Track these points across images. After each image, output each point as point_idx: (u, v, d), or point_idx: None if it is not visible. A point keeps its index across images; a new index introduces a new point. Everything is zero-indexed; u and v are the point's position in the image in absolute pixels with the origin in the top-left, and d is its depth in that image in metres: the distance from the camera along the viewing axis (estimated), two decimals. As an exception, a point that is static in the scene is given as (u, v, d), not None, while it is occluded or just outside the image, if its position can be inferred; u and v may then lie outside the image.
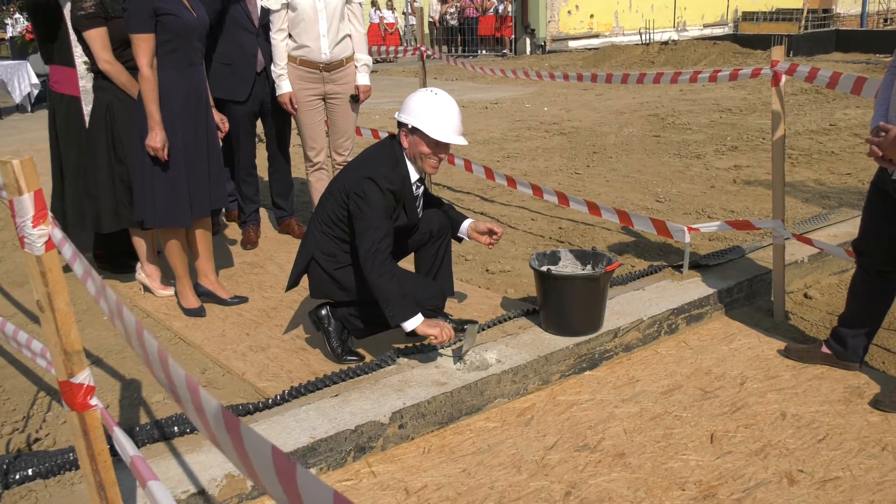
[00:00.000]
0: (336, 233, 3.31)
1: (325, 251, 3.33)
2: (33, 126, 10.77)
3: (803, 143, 7.79)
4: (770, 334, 3.79)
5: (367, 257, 3.10)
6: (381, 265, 3.10)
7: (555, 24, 19.58)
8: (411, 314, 3.10)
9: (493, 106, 11.34)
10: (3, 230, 5.69)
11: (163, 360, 1.43)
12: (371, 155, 3.35)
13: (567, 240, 5.00)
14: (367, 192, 3.14)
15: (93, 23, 3.80)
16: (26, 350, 2.73)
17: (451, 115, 3.24)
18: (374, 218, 3.14)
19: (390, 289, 3.08)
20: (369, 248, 3.10)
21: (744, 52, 16.53)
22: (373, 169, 3.22)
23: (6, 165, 1.79)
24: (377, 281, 3.08)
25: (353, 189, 3.19)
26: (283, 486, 1.04)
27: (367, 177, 3.18)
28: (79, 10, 3.80)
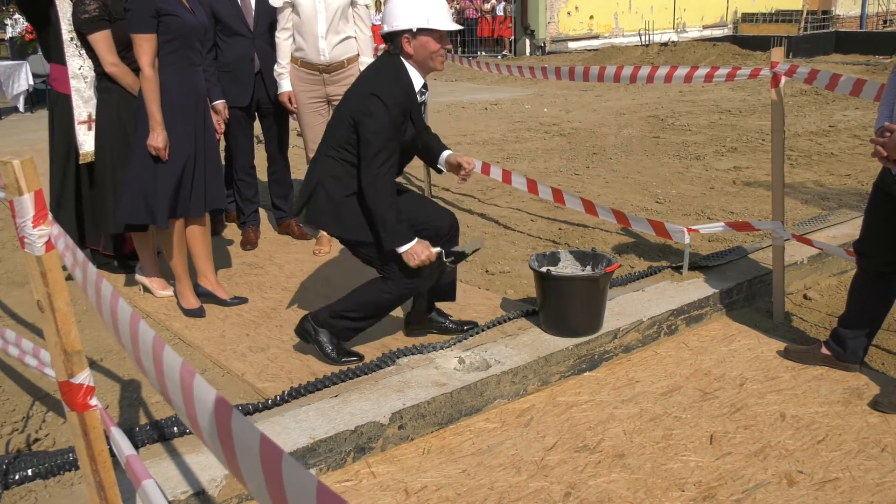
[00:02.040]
0: (346, 156, 3.24)
1: (334, 175, 3.26)
2: (33, 126, 10.77)
3: (803, 144, 7.79)
4: (770, 335, 3.80)
5: (371, 182, 3.12)
6: (384, 190, 3.12)
7: (554, 25, 19.59)
8: (407, 240, 3.15)
9: (492, 107, 11.35)
10: (3, 230, 5.69)
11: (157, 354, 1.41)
12: (372, 73, 3.27)
13: (567, 241, 5.00)
14: (372, 111, 3.10)
15: (97, 26, 3.81)
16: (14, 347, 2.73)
17: (442, 3, 3.25)
18: (380, 139, 3.11)
19: (390, 215, 3.12)
20: (375, 173, 3.11)
21: (743, 54, 16.53)
22: (376, 85, 3.16)
23: (7, 166, 1.79)
24: (378, 206, 3.12)
25: (359, 108, 3.14)
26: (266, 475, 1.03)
27: (372, 93, 3.12)
28: (82, 13, 3.80)
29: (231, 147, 5.06)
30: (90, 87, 4.17)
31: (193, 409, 1.25)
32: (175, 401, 1.33)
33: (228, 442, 1.14)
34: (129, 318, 1.50)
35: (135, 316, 1.50)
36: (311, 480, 0.95)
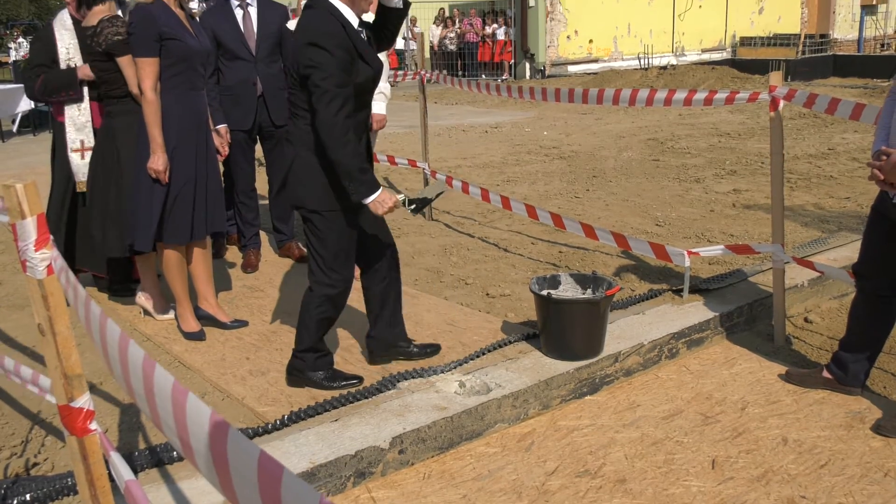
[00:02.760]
0: (311, 120, 3.09)
1: (306, 142, 3.13)
2: (35, 149, 10.81)
3: (802, 167, 7.82)
4: (771, 359, 3.79)
5: (329, 130, 2.95)
6: (345, 137, 2.96)
7: (554, 48, 19.72)
8: (373, 190, 3.03)
9: (493, 130, 11.40)
10: (4, 253, 5.70)
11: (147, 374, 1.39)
12: (304, 24, 3.07)
13: (567, 264, 5.00)
14: (314, 59, 2.94)
15: (129, 48, 3.82)
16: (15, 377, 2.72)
17: None
18: (330, 83, 2.94)
19: (352, 163, 2.98)
20: (332, 121, 2.94)
21: (742, 77, 16.64)
22: (311, 33, 2.98)
23: (9, 189, 1.80)
24: (340, 154, 2.97)
25: (302, 63, 2.98)
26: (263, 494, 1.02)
27: (309, 43, 2.96)
28: (115, 34, 3.80)
29: (232, 170, 5.08)
30: (84, 113, 4.20)
31: (186, 430, 1.23)
32: (166, 422, 1.31)
33: (223, 462, 1.12)
34: (118, 338, 1.49)
35: (124, 336, 1.49)
36: (314, 496, 0.94)
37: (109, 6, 3.98)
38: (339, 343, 3.85)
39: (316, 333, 3.33)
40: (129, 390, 1.47)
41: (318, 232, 3.20)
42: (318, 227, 3.19)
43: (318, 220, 3.18)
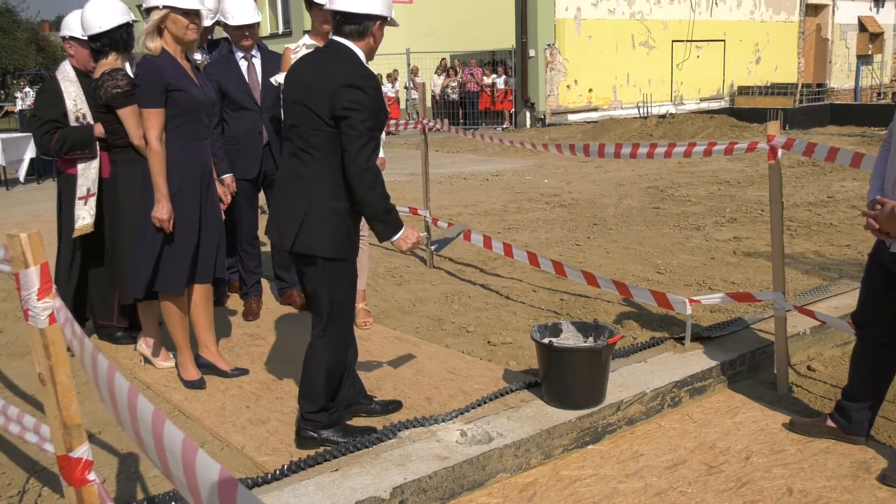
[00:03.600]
0: (326, 162, 3.05)
1: (325, 189, 3.07)
2: (39, 197, 10.88)
3: (802, 214, 7.85)
4: (774, 407, 3.76)
5: (361, 174, 2.97)
6: (377, 180, 3.02)
7: (554, 98, 19.95)
8: (399, 228, 3.10)
9: (493, 178, 11.48)
10: (5, 301, 5.70)
11: (157, 427, 1.40)
12: (333, 65, 3.04)
13: (568, 311, 5.00)
14: (356, 101, 2.94)
15: (129, 99, 3.89)
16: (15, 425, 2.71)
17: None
18: (367, 128, 2.97)
19: (382, 205, 3.04)
20: (366, 165, 2.97)
21: (740, 126, 16.79)
22: (348, 75, 2.98)
23: (14, 239, 1.82)
24: (371, 196, 3.01)
25: (339, 105, 2.95)
26: None
27: (348, 84, 2.96)
28: (114, 87, 3.90)
29: (236, 218, 5.11)
30: (91, 165, 4.25)
31: (196, 484, 1.24)
32: (176, 476, 1.32)
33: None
34: (126, 392, 1.50)
35: (132, 390, 1.50)
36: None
37: (115, 59, 4.05)
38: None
39: (327, 389, 3.24)
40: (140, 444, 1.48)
41: (333, 279, 3.13)
42: (332, 275, 3.13)
43: (332, 268, 3.12)
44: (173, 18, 3.70)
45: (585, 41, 20.22)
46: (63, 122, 4.28)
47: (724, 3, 22.84)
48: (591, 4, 20.17)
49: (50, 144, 4.24)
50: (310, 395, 3.23)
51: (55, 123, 4.27)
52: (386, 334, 4.66)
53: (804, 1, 24.91)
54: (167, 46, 3.74)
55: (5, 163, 11.94)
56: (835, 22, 26.01)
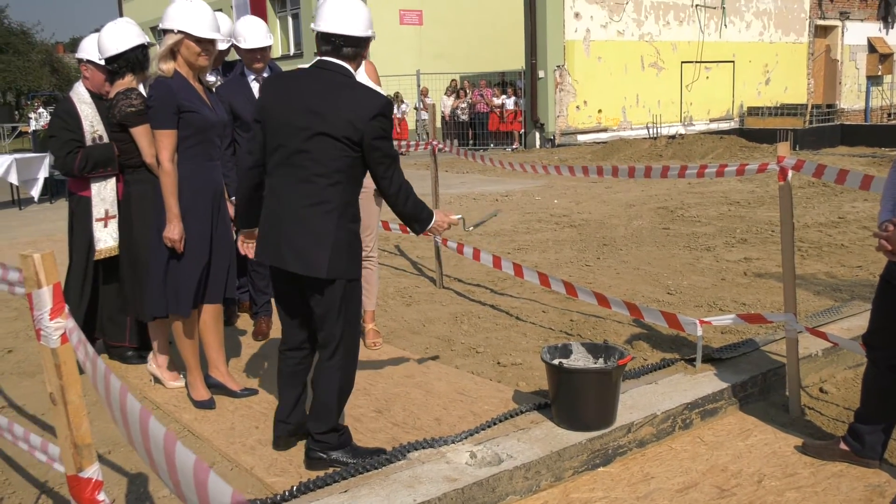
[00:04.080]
0: (352, 187, 3.15)
1: (347, 215, 3.13)
2: (52, 217, 10.97)
3: (812, 235, 7.83)
4: (786, 430, 3.73)
5: (399, 190, 3.17)
6: (409, 193, 3.21)
7: (563, 118, 20.00)
8: (432, 217, 3.31)
9: (503, 198, 11.49)
10: (17, 320, 5.73)
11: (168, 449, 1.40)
12: (346, 90, 3.08)
13: (578, 332, 4.99)
14: (386, 130, 3.08)
15: (142, 119, 3.92)
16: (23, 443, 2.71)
17: None
18: (395, 152, 3.16)
19: (419, 210, 3.25)
20: (401, 181, 3.17)
21: (750, 146, 16.79)
22: (377, 105, 3.05)
23: (27, 259, 1.83)
24: (409, 209, 3.23)
25: (370, 133, 3.02)
26: None
27: (380, 114, 3.03)
28: (128, 106, 3.94)
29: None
30: (110, 186, 4.29)
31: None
32: (188, 497, 1.32)
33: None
34: (138, 413, 1.50)
35: (144, 411, 1.51)
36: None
37: (130, 80, 4.09)
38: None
39: (338, 409, 3.25)
40: (152, 465, 1.48)
41: (350, 300, 3.18)
42: (351, 296, 3.18)
43: (352, 289, 3.19)
44: (187, 44, 3.74)
45: (595, 62, 20.30)
46: (82, 143, 4.33)
47: (732, 25, 22.91)
48: (601, 26, 20.26)
49: (73, 164, 4.27)
50: (321, 415, 3.23)
51: (76, 143, 4.31)
52: (395, 355, 4.66)
53: (813, 22, 24.96)
54: (180, 69, 3.78)
55: (19, 182, 12.05)
56: (844, 43, 26.04)
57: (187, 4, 3.75)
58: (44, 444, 2.57)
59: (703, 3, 22.08)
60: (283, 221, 3.12)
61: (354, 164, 3.08)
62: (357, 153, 3.06)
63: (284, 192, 3.12)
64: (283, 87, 3.19)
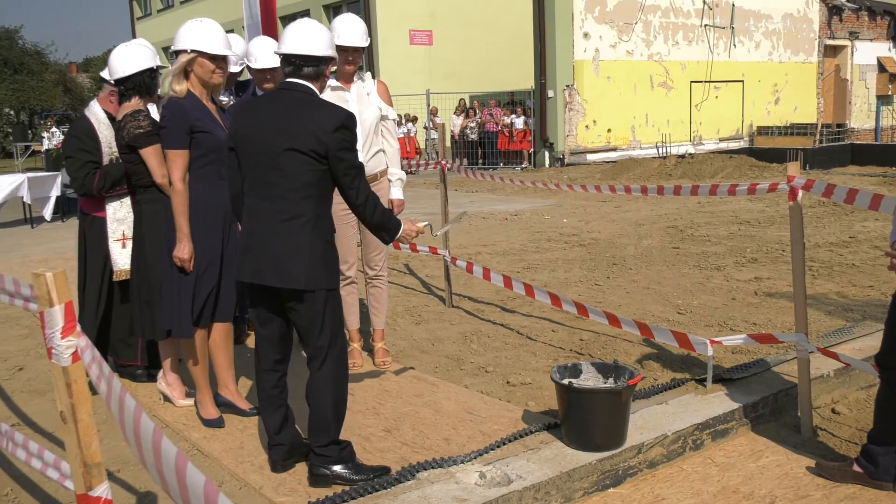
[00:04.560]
0: (323, 200, 3.24)
1: (319, 227, 3.21)
2: (64, 235, 11.03)
3: (823, 255, 7.79)
4: (798, 451, 3.70)
5: (365, 203, 3.25)
6: (376, 202, 3.30)
7: (573, 138, 20.04)
8: (399, 226, 3.43)
9: (512, 217, 11.50)
10: (28, 338, 5.75)
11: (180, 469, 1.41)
12: (311, 107, 3.20)
13: (588, 352, 4.97)
14: (350, 141, 3.17)
15: (150, 140, 3.95)
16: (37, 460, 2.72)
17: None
18: (359, 163, 3.24)
19: (385, 219, 3.36)
20: (367, 191, 3.25)
21: (759, 166, 16.77)
22: (340, 117, 3.15)
23: (40, 278, 1.84)
24: (377, 218, 3.32)
25: (334, 146, 3.11)
26: None
27: (340, 127, 3.12)
28: (136, 128, 3.96)
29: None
30: (123, 206, 4.32)
31: None
32: None
33: None
34: (151, 433, 1.51)
35: (157, 431, 1.51)
36: None
37: (137, 102, 4.11)
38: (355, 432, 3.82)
39: (336, 420, 3.27)
40: (164, 484, 1.49)
41: (333, 309, 3.26)
42: (332, 305, 3.26)
43: (332, 298, 3.26)
44: (200, 62, 3.78)
45: (604, 82, 20.36)
46: (100, 164, 4.37)
47: (742, 45, 22.96)
48: (610, 46, 20.34)
49: (92, 185, 4.32)
50: (319, 428, 3.26)
51: (94, 165, 4.36)
52: (404, 374, 4.65)
53: (823, 42, 24.99)
54: (193, 88, 3.81)
55: (31, 201, 12.15)
56: (854, 62, 26.04)
57: (198, 24, 3.81)
58: (56, 461, 2.57)
59: (712, 23, 22.15)
60: (258, 238, 3.23)
61: (323, 176, 3.19)
62: (324, 166, 3.17)
63: (259, 210, 3.24)
64: (251, 111, 3.36)
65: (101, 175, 4.31)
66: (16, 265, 8.83)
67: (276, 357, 3.39)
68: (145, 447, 1.55)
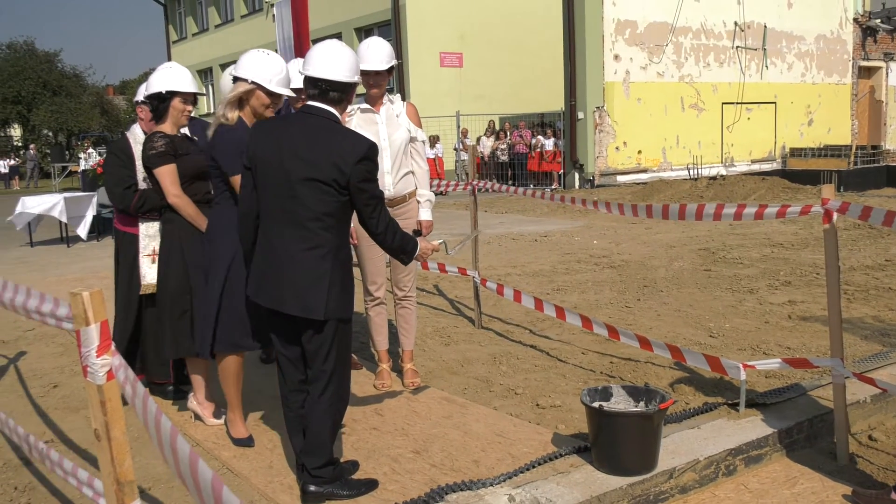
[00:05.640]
0: (343, 229, 3.28)
1: (338, 256, 3.24)
2: (99, 254, 11.20)
3: (859, 278, 7.67)
4: (835, 478, 3.63)
5: (385, 232, 3.30)
6: (396, 229, 3.35)
7: (603, 159, 20.00)
8: (416, 247, 3.47)
9: (542, 238, 11.48)
10: (63, 356, 5.83)
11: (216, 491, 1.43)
12: (335, 136, 3.19)
13: (618, 374, 4.93)
14: (372, 173, 3.20)
15: (163, 160, 4.04)
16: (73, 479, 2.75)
17: None
18: (379, 192, 3.28)
19: (404, 243, 3.40)
20: (388, 219, 3.30)
21: (793, 188, 16.58)
22: (364, 149, 3.15)
23: (76, 297, 1.87)
24: (396, 243, 3.37)
25: (356, 176, 3.12)
26: None
27: (363, 159, 3.13)
28: (150, 149, 4.07)
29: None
30: (154, 223, 4.39)
31: None
32: None
33: None
34: (188, 455, 1.52)
35: (193, 454, 1.53)
36: None
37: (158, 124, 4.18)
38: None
39: (332, 441, 3.34)
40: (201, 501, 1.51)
41: (343, 338, 3.30)
42: (344, 334, 3.31)
43: (346, 328, 3.31)
44: (258, 95, 3.84)
45: (634, 104, 20.32)
46: (135, 180, 4.47)
47: (774, 66, 22.81)
48: (640, 68, 20.32)
49: (131, 201, 4.44)
50: (316, 450, 3.29)
51: (131, 179, 4.48)
52: (433, 395, 4.64)
53: (857, 63, 24.76)
54: (244, 116, 3.86)
55: (67, 220, 12.37)
56: (889, 84, 25.75)
57: (264, 57, 3.84)
58: (90, 479, 2.60)
59: (743, 45, 22.05)
60: (276, 264, 3.24)
61: (343, 206, 3.22)
62: (345, 196, 3.19)
63: (278, 236, 3.24)
64: (270, 134, 3.32)
65: (140, 196, 4.42)
66: (52, 283, 8.98)
67: (301, 377, 3.40)
68: (183, 469, 1.57)
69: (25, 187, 33.28)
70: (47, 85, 39.80)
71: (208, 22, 34.13)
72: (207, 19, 34.17)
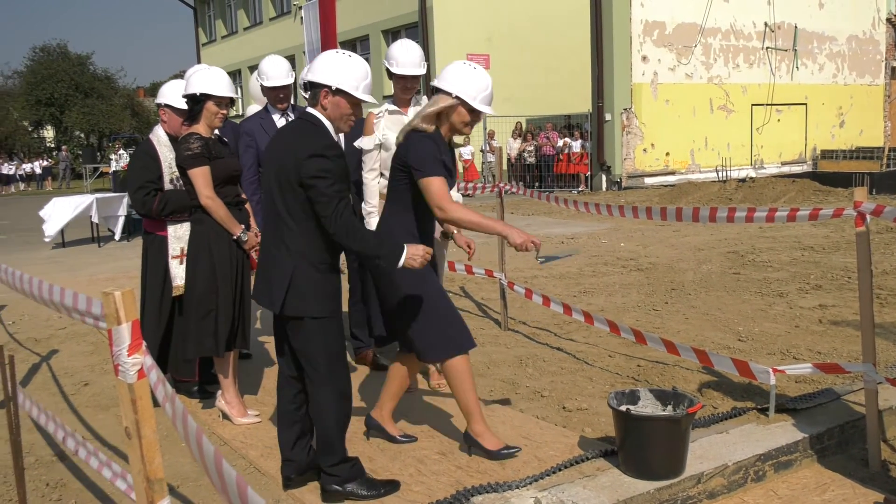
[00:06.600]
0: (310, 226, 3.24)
1: (304, 254, 3.25)
2: (129, 254, 11.35)
3: (891, 282, 7.55)
4: (866, 485, 3.58)
5: (342, 233, 3.14)
6: (356, 231, 3.16)
7: (630, 161, 19.89)
8: (401, 251, 3.21)
9: (569, 241, 11.44)
10: (93, 354, 5.91)
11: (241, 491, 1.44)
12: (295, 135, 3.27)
13: (646, 378, 4.89)
14: (325, 170, 3.13)
15: (198, 161, 4.09)
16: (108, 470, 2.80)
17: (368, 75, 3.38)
18: (335, 190, 3.15)
19: (372, 244, 3.21)
20: (343, 221, 3.14)
21: (823, 190, 16.36)
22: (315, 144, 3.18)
23: (108, 297, 1.90)
24: (359, 246, 3.19)
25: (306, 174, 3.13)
26: None
27: (316, 154, 3.14)
28: (186, 150, 4.11)
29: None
30: (184, 225, 4.43)
31: None
32: None
33: None
34: (213, 455, 1.54)
35: (218, 454, 1.54)
36: None
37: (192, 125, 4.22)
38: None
39: (341, 439, 3.36)
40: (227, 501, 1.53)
41: (324, 336, 3.29)
42: (324, 331, 3.29)
43: (323, 325, 3.28)
44: (460, 112, 3.62)
45: (662, 105, 20.19)
46: (159, 184, 4.49)
47: (805, 67, 22.56)
48: (669, 69, 20.19)
49: (152, 205, 4.45)
50: (324, 448, 3.33)
51: (153, 185, 4.48)
52: (460, 397, 4.63)
53: (889, 64, 24.40)
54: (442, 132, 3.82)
55: (99, 220, 12.55)
56: (923, 85, 25.36)
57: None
58: (123, 472, 2.64)
59: (773, 46, 21.83)
60: (263, 262, 3.38)
61: (308, 205, 3.21)
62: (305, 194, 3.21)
63: (265, 233, 3.40)
64: (274, 138, 3.45)
65: (161, 198, 4.43)
66: (84, 283, 9.11)
67: (291, 373, 3.46)
68: (210, 468, 1.59)
69: (58, 188, 33.85)
70: (79, 87, 40.38)
71: (237, 24, 34.45)
72: (236, 22, 34.50)
